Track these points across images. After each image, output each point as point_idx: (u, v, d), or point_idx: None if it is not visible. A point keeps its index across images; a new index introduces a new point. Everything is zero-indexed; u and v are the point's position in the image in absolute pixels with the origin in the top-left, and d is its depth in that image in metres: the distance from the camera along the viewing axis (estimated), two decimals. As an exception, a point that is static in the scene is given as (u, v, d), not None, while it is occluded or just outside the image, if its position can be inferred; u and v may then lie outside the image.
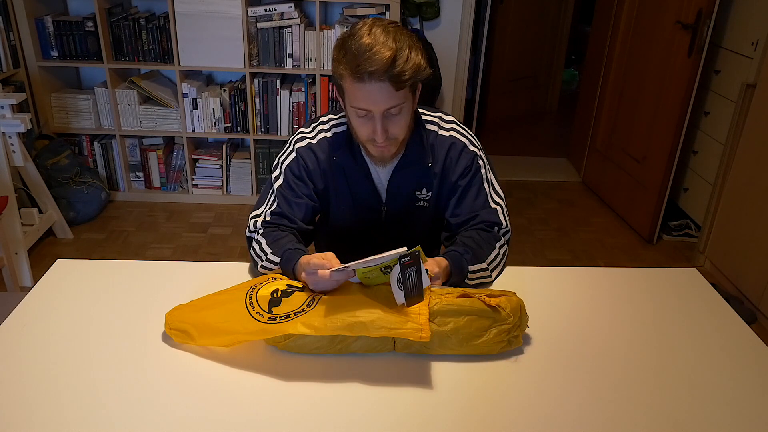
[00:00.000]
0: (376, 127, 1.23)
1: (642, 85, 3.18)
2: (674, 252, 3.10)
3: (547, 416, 1.01)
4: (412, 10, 3.30)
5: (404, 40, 1.18)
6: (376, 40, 1.15)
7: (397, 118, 1.24)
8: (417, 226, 1.50)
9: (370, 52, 1.14)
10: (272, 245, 1.32)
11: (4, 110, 2.44)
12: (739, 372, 1.13)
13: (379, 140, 1.25)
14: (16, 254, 2.55)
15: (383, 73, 1.15)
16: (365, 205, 1.45)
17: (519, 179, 3.87)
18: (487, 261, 1.34)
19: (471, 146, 1.41)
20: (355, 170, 1.41)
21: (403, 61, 1.16)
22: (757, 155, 2.55)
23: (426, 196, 1.44)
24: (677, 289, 1.38)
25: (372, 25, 1.18)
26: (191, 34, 3.04)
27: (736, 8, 2.87)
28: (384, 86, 1.17)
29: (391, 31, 1.18)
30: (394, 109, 1.22)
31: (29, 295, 1.27)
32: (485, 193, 1.41)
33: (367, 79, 1.16)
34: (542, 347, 1.18)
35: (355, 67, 1.16)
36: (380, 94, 1.18)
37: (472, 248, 1.33)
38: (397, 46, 1.16)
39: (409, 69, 1.17)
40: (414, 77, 1.19)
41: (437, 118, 1.42)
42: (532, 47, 4.83)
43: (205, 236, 3.07)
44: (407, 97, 1.23)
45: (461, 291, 1.17)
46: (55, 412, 0.98)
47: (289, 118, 3.26)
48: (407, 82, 1.18)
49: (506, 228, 1.42)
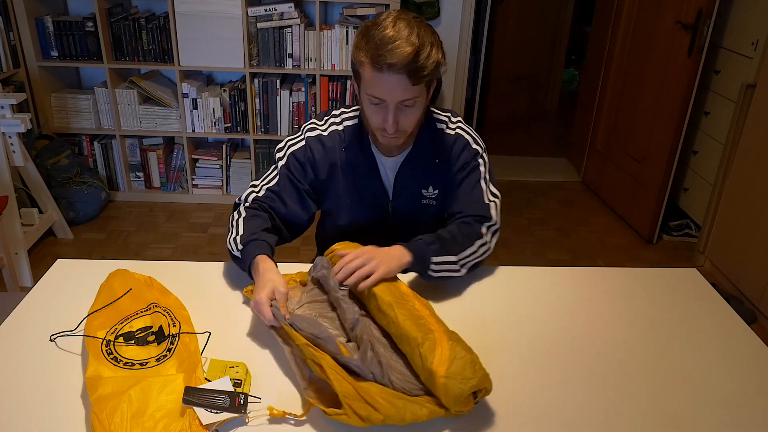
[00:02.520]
0: (387, 116, 1.24)
1: (642, 85, 3.17)
2: (674, 252, 3.10)
3: (547, 416, 1.01)
4: (412, 10, 3.30)
5: (427, 36, 1.20)
6: (400, 34, 1.17)
7: (410, 110, 1.26)
8: (423, 225, 1.49)
9: (393, 44, 1.16)
10: (246, 226, 1.31)
11: (4, 110, 2.44)
12: (738, 372, 1.13)
13: (389, 130, 1.27)
14: (16, 254, 2.55)
15: (402, 67, 1.17)
16: (371, 201, 1.46)
17: (519, 179, 3.87)
18: (458, 256, 1.31)
19: (474, 144, 1.43)
20: (362, 164, 1.41)
21: (424, 58, 1.18)
22: (757, 155, 2.55)
23: (433, 194, 1.45)
24: (677, 289, 1.38)
25: (397, 18, 1.20)
26: (191, 34, 3.04)
27: (736, 8, 2.87)
28: (401, 79, 1.18)
29: (414, 26, 1.19)
30: (408, 102, 1.23)
31: (29, 295, 1.27)
32: (481, 189, 1.41)
33: (386, 71, 1.18)
34: (542, 347, 1.17)
35: (377, 57, 1.17)
36: (397, 86, 1.20)
37: (444, 239, 1.31)
38: (419, 42, 1.17)
39: (429, 66, 1.19)
40: (432, 74, 1.21)
41: (446, 117, 1.44)
42: (532, 47, 4.83)
43: (205, 236, 3.06)
44: (422, 92, 1.25)
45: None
46: (54, 412, 0.98)
47: (289, 118, 3.26)
48: (425, 78, 1.20)
49: (495, 224, 1.41)
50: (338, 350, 1.02)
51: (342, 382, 0.96)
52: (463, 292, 1.34)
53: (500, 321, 1.25)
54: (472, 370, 0.97)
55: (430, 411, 0.95)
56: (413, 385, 1.00)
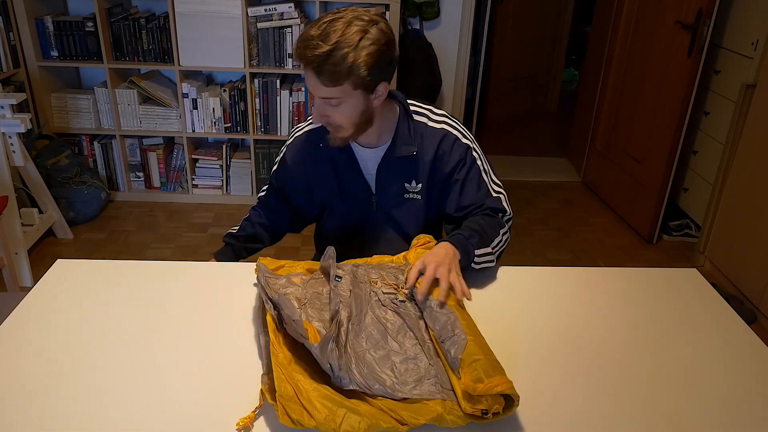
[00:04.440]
0: (314, 109, 1.29)
1: (642, 85, 3.17)
2: (674, 252, 3.10)
3: (547, 416, 1.01)
4: (412, 10, 3.30)
5: (353, 39, 1.17)
6: (323, 33, 1.18)
7: (337, 109, 1.27)
8: (410, 222, 1.50)
9: (307, 42, 1.18)
10: (240, 225, 1.59)
11: (4, 110, 2.44)
12: (738, 372, 1.13)
13: (314, 122, 1.34)
14: (16, 254, 2.55)
15: (308, 66, 1.20)
16: (356, 196, 1.47)
17: (519, 179, 3.87)
18: (492, 246, 1.35)
19: (464, 139, 1.43)
20: (342, 159, 1.43)
21: (333, 62, 1.17)
22: (757, 155, 2.55)
23: (416, 188, 1.45)
24: (677, 289, 1.38)
25: (333, 18, 1.20)
26: (191, 34, 3.04)
27: (736, 8, 2.87)
28: (313, 77, 1.21)
29: (342, 29, 1.17)
30: (334, 101, 1.25)
31: (29, 295, 1.27)
32: (486, 185, 1.43)
33: (303, 67, 1.21)
34: (542, 347, 1.17)
35: (295, 50, 1.22)
36: (312, 84, 1.23)
37: (477, 232, 1.33)
38: (336, 45, 1.17)
39: (337, 71, 1.18)
40: (343, 79, 1.20)
41: (427, 111, 1.44)
42: (532, 47, 4.83)
43: (205, 236, 3.06)
44: (348, 93, 1.23)
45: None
46: (55, 412, 0.98)
47: (289, 118, 3.26)
48: (334, 82, 1.20)
49: (509, 215, 1.45)
50: (305, 335, 1.01)
51: (283, 381, 0.96)
52: (463, 292, 1.34)
53: (500, 321, 1.25)
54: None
55: (370, 425, 0.91)
56: (380, 387, 0.98)
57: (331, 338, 1.00)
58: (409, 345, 1.09)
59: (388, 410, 0.94)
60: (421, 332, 1.12)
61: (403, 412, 0.94)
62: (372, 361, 1.03)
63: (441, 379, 1.01)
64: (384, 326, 1.12)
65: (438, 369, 1.03)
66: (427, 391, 0.99)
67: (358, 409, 0.93)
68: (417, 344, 1.09)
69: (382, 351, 1.06)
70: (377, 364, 1.03)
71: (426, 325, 1.13)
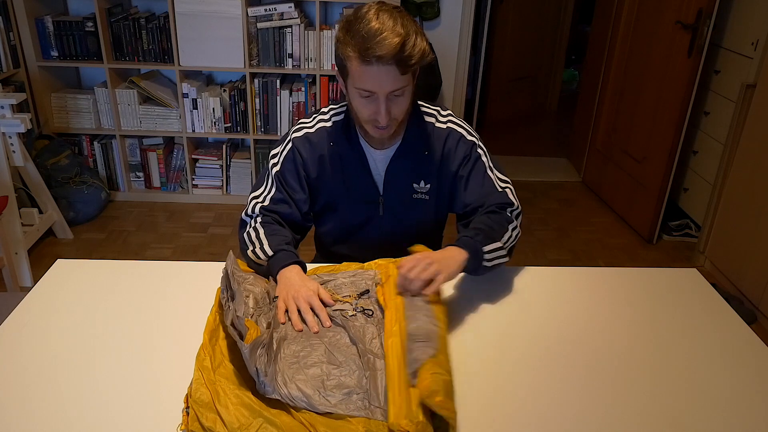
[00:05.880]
0: (380, 108, 1.25)
1: (642, 85, 3.17)
2: (674, 252, 3.10)
3: (547, 416, 1.01)
4: (412, 10, 3.30)
5: (411, 26, 1.21)
6: (385, 25, 1.18)
7: (400, 99, 1.27)
8: (417, 222, 1.49)
9: (380, 36, 1.17)
10: (269, 237, 1.32)
11: (4, 110, 2.44)
12: (738, 372, 1.13)
13: (382, 122, 1.28)
14: (16, 254, 2.55)
15: (391, 58, 1.18)
16: (362, 197, 1.46)
17: (519, 179, 3.87)
18: (502, 240, 1.34)
19: (469, 136, 1.43)
20: (351, 157, 1.42)
21: (411, 47, 1.19)
22: (757, 155, 2.55)
23: (425, 189, 1.45)
24: (677, 289, 1.38)
25: (378, 10, 1.21)
26: (191, 34, 3.04)
27: (736, 8, 2.87)
28: (391, 70, 1.20)
29: (397, 17, 1.21)
30: (398, 92, 1.25)
31: (29, 295, 1.27)
32: (491, 180, 1.43)
33: (375, 63, 1.19)
34: (542, 347, 1.17)
35: (365, 50, 1.18)
36: (387, 78, 1.21)
37: (483, 230, 1.33)
38: (405, 32, 1.19)
39: (416, 54, 1.20)
40: (420, 62, 1.23)
41: (435, 111, 1.44)
42: (532, 47, 4.83)
43: (205, 236, 3.06)
44: (410, 80, 1.26)
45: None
46: (55, 412, 0.98)
47: (289, 118, 3.26)
48: (413, 66, 1.22)
49: (518, 208, 1.43)
50: (244, 333, 0.99)
51: (201, 385, 0.95)
52: (463, 292, 1.34)
53: (500, 321, 1.25)
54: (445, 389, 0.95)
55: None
56: (303, 400, 0.95)
57: (262, 343, 0.98)
58: (344, 357, 1.04)
59: (307, 424, 0.92)
60: (365, 345, 1.07)
61: (321, 427, 0.91)
62: (300, 372, 1.00)
63: (370, 395, 0.97)
64: (322, 337, 1.09)
65: (370, 385, 0.98)
66: (354, 406, 0.95)
67: (275, 420, 0.91)
68: (356, 356, 1.05)
69: (315, 361, 1.03)
70: (306, 375, 0.99)
71: (371, 338, 1.09)
